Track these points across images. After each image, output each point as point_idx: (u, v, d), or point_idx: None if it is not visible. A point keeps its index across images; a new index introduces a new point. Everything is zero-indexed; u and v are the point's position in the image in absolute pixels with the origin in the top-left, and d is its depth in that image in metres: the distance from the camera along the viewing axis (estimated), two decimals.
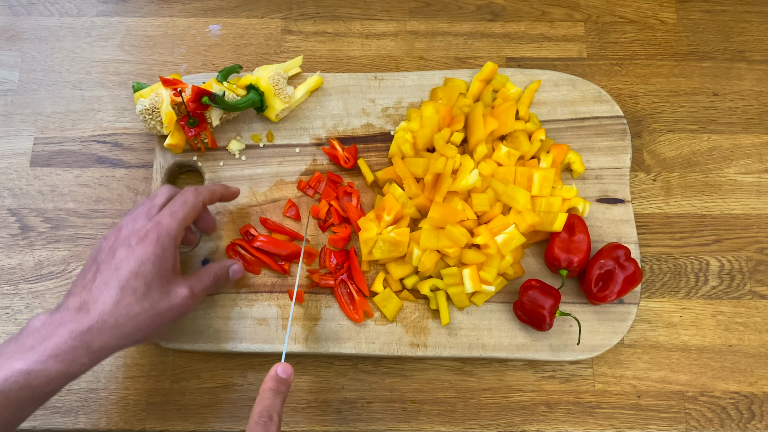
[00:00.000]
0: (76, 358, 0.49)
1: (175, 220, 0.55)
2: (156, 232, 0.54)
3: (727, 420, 0.65)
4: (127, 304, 0.51)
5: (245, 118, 0.71)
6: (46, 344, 0.48)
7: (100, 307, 0.50)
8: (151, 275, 0.53)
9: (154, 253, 0.53)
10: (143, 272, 0.52)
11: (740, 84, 0.75)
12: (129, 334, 0.52)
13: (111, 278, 0.52)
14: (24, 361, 0.47)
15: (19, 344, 0.48)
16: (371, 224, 0.64)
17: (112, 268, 0.52)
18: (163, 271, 0.54)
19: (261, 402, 0.52)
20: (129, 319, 0.51)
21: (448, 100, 0.69)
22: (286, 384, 0.53)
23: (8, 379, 0.46)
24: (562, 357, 0.63)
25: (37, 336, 0.49)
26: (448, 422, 0.65)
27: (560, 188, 0.65)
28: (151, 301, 0.53)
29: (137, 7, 0.79)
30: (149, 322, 0.53)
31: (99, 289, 0.51)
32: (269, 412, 0.51)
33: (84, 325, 0.49)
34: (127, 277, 0.52)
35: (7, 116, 0.74)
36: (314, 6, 0.79)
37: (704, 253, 0.69)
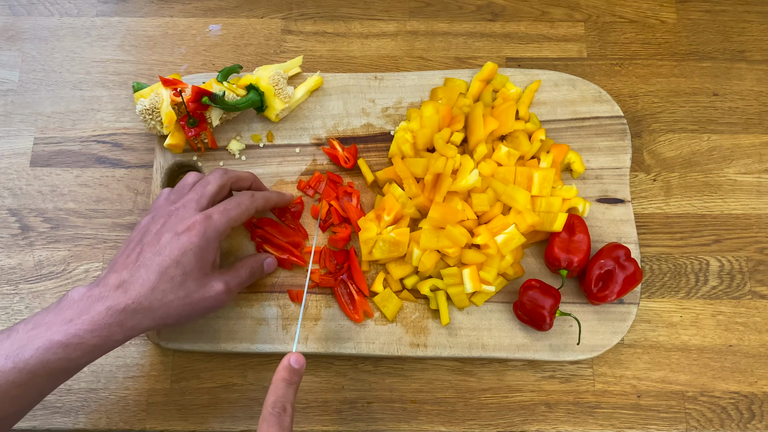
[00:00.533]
0: (111, 334, 0.50)
1: (225, 218, 0.56)
2: (204, 225, 0.54)
3: (727, 420, 0.65)
4: (163, 290, 0.52)
5: (245, 118, 0.71)
6: (84, 318, 0.50)
7: (138, 289, 0.52)
8: (191, 266, 0.54)
9: (197, 245, 0.54)
10: (183, 262, 0.53)
11: (740, 84, 0.75)
12: (160, 318, 0.53)
13: (152, 262, 0.53)
14: (63, 333, 0.49)
15: (58, 315, 0.50)
16: (371, 224, 0.64)
17: (155, 252, 0.53)
18: (203, 263, 0.55)
19: (274, 392, 0.52)
20: (163, 304, 0.53)
21: (448, 100, 0.69)
22: (299, 374, 0.54)
23: (48, 349, 0.48)
24: (562, 357, 0.63)
25: (76, 309, 0.50)
26: (448, 422, 0.65)
27: (560, 188, 0.65)
28: (187, 291, 0.54)
29: (137, 7, 0.79)
30: (181, 309, 0.54)
31: (139, 272, 0.52)
32: (283, 403, 0.51)
33: (121, 304, 0.51)
34: (168, 264, 0.53)
35: (7, 116, 0.74)
36: (314, 6, 0.79)
37: (704, 253, 0.69)
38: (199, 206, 0.57)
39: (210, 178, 0.60)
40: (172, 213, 0.56)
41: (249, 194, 0.60)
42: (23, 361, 0.47)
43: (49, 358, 0.48)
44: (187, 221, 0.54)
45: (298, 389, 0.53)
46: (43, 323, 0.49)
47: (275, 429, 0.49)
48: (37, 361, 0.47)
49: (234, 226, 0.57)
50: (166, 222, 0.55)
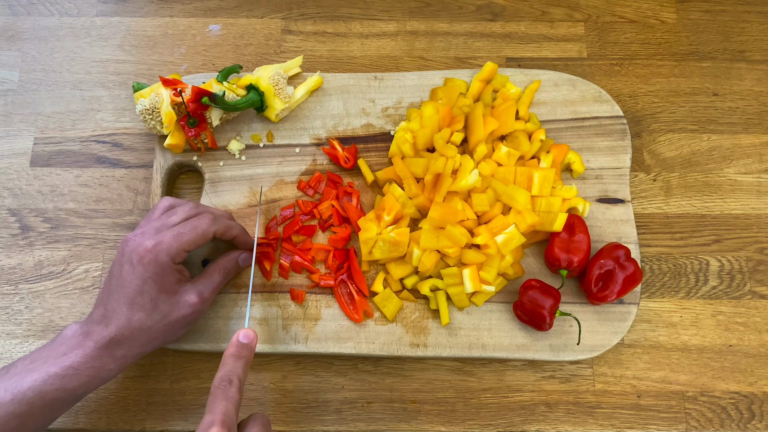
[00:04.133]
0: (104, 364, 0.53)
1: (177, 243, 0.56)
2: (154, 252, 0.55)
3: (727, 420, 0.65)
4: (138, 319, 0.55)
5: (245, 118, 0.71)
6: (76, 351, 0.53)
7: (116, 322, 0.54)
8: (155, 291, 0.55)
9: (153, 272, 0.55)
10: (147, 290, 0.55)
11: (740, 84, 0.75)
12: (147, 343, 0.56)
13: (120, 295, 0.55)
14: (58, 365, 0.52)
15: (53, 351, 0.53)
16: (371, 224, 0.64)
17: (120, 285, 0.55)
18: (166, 286, 0.56)
19: (223, 367, 0.54)
20: (143, 331, 0.55)
21: (448, 100, 0.69)
22: (249, 349, 0.56)
23: (45, 381, 0.51)
24: (562, 357, 0.63)
25: (68, 344, 0.53)
26: (448, 422, 0.65)
27: (560, 188, 0.65)
28: (161, 314, 0.56)
29: (137, 7, 0.79)
30: (163, 331, 0.56)
31: (113, 305, 0.55)
32: (229, 377, 0.53)
33: (106, 338, 0.54)
34: (133, 296, 0.55)
35: (7, 116, 0.74)
36: (314, 6, 0.79)
37: (704, 253, 0.69)
38: (157, 233, 0.57)
39: (179, 209, 0.60)
40: (129, 240, 0.57)
41: (209, 217, 0.59)
42: (21, 392, 0.50)
43: (46, 389, 0.51)
44: (140, 250, 0.55)
45: (249, 363, 0.55)
46: (39, 358, 0.52)
47: (220, 400, 0.51)
48: (34, 392, 0.50)
49: (190, 249, 0.57)
50: (124, 251, 0.56)
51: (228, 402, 0.51)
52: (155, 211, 0.60)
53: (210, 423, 0.49)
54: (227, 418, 0.50)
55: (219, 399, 0.51)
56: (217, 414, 0.50)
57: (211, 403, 0.51)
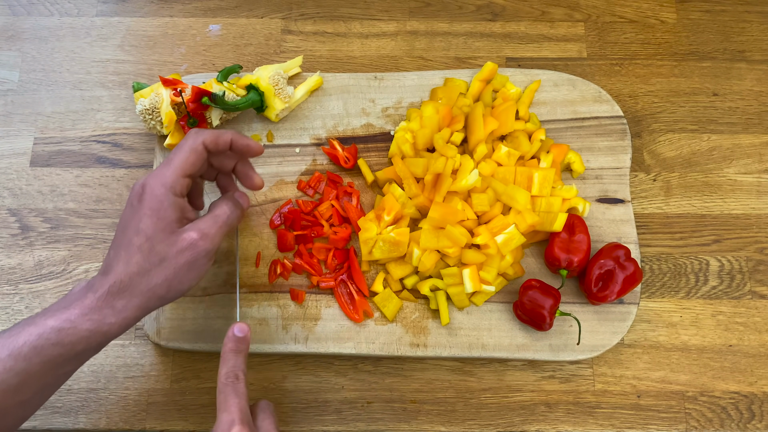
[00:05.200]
0: (104, 318, 0.50)
1: (169, 168, 0.53)
2: (150, 185, 0.52)
3: (727, 420, 0.65)
4: (136, 262, 0.51)
5: (245, 118, 0.71)
6: (76, 304, 0.50)
7: (116, 268, 0.51)
8: (152, 230, 0.52)
9: (149, 207, 0.52)
10: (143, 229, 0.51)
11: (740, 84, 0.75)
12: (147, 291, 0.52)
13: (120, 240, 0.52)
14: (56, 318, 0.49)
15: (57, 305, 0.51)
16: (371, 224, 0.64)
17: (121, 229, 0.53)
18: (164, 223, 0.52)
19: (225, 363, 0.54)
20: (142, 276, 0.51)
21: (448, 100, 0.69)
22: (245, 342, 0.55)
23: (41, 335, 0.48)
24: (562, 357, 0.63)
25: (72, 298, 0.51)
26: (448, 422, 0.65)
27: (560, 188, 0.65)
28: (159, 255, 0.52)
29: (137, 7, 0.79)
30: (163, 275, 0.52)
31: (114, 252, 0.52)
32: (234, 372, 0.53)
33: (104, 286, 0.50)
34: (131, 237, 0.52)
35: (7, 116, 0.74)
36: (314, 6, 0.79)
37: (704, 253, 0.69)
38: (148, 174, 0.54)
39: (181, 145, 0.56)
40: (133, 186, 0.55)
41: (192, 132, 0.56)
42: (17, 347, 0.47)
43: (42, 343, 0.48)
44: (137, 188, 0.53)
45: (247, 357, 0.55)
46: (42, 314, 0.50)
47: (232, 397, 0.51)
48: (30, 347, 0.47)
49: (187, 172, 0.54)
50: (129, 200, 0.54)
51: (240, 398, 0.51)
52: None
53: (230, 422, 0.49)
54: (244, 415, 0.50)
55: (231, 396, 0.51)
56: (233, 412, 0.50)
57: (223, 401, 0.51)
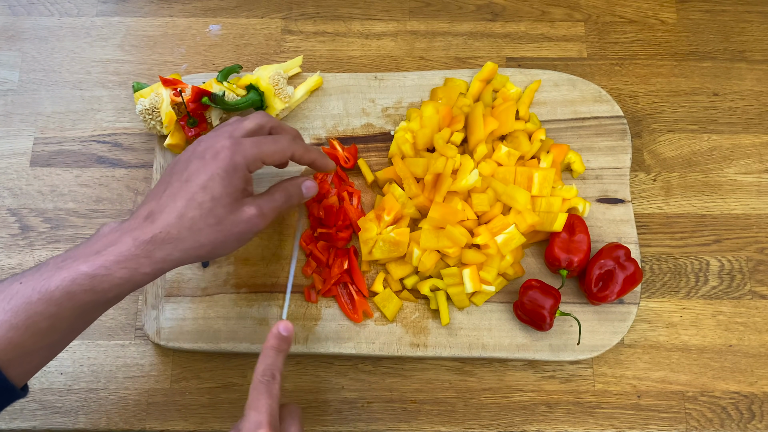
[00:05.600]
0: (139, 266, 0.48)
1: (257, 148, 0.53)
2: (232, 149, 0.52)
3: (727, 420, 0.65)
4: (191, 217, 0.50)
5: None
6: (111, 250, 0.48)
7: (165, 218, 0.49)
8: (219, 191, 0.51)
9: (224, 168, 0.51)
10: (211, 187, 0.50)
11: (740, 84, 0.75)
12: (191, 248, 0.50)
13: (180, 190, 0.51)
14: (89, 264, 0.47)
15: (87, 248, 0.49)
16: (371, 224, 0.64)
17: (183, 180, 0.51)
18: (232, 188, 0.51)
19: (264, 360, 0.52)
20: (192, 232, 0.50)
21: (448, 100, 0.69)
22: (288, 342, 0.53)
23: (74, 281, 0.47)
24: (562, 357, 0.63)
25: (104, 241, 0.49)
26: (448, 422, 0.65)
27: (560, 188, 0.65)
28: (217, 218, 0.51)
29: (137, 7, 0.79)
30: (213, 237, 0.51)
31: (166, 200, 0.50)
32: (272, 371, 0.51)
33: (148, 234, 0.49)
34: (195, 191, 0.50)
35: (7, 116, 0.74)
36: (314, 6, 0.79)
37: (704, 253, 0.69)
38: (230, 137, 0.54)
39: (250, 116, 0.57)
40: (200, 141, 0.54)
41: (290, 137, 0.57)
42: (49, 291, 0.46)
43: (75, 289, 0.46)
44: (216, 146, 0.52)
45: (286, 357, 0.54)
46: (72, 256, 0.48)
47: (265, 397, 0.49)
48: (62, 291, 0.46)
49: (266, 162, 0.54)
50: (195, 149, 0.53)
51: (272, 399, 0.50)
52: (221, 124, 0.58)
53: (258, 423, 0.48)
54: (273, 419, 0.49)
55: (263, 395, 0.49)
56: (263, 413, 0.48)
57: (255, 399, 0.49)
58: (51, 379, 0.65)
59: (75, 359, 0.66)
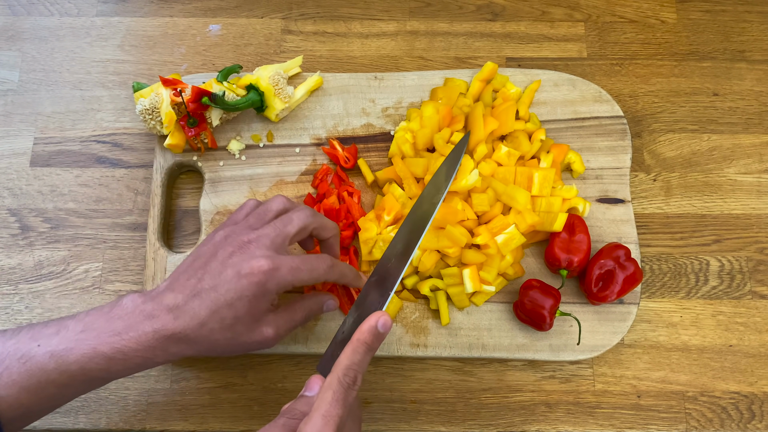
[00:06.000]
0: (154, 356, 0.50)
1: (292, 277, 0.51)
2: (267, 275, 0.50)
3: (727, 420, 0.65)
4: (211, 328, 0.50)
5: (245, 118, 0.71)
6: (131, 335, 0.49)
7: (187, 321, 0.50)
8: (243, 311, 0.51)
9: (254, 293, 0.50)
10: (237, 306, 0.50)
11: (740, 84, 0.75)
12: (204, 350, 0.52)
13: (207, 297, 0.50)
14: (109, 346, 0.48)
15: (108, 324, 0.49)
16: (371, 224, 0.64)
17: (213, 286, 0.51)
18: (256, 310, 0.52)
19: (351, 356, 0.47)
20: (208, 341, 0.51)
21: (448, 100, 0.69)
22: (381, 341, 0.49)
23: (92, 359, 0.48)
24: (562, 357, 0.63)
25: (126, 321, 0.49)
26: (448, 422, 0.65)
27: (560, 188, 0.65)
28: (234, 333, 0.51)
29: (137, 7, 0.79)
30: (225, 346, 0.52)
31: (193, 302, 0.50)
32: (355, 372, 0.46)
33: (168, 330, 0.49)
34: (221, 305, 0.50)
35: (7, 116, 0.74)
36: (314, 6, 0.79)
37: (704, 253, 0.69)
38: (273, 245, 0.52)
39: (294, 216, 0.55)
40: (244, 246, 0.52)
41: (327, 263, 0.54)
42: (66, 364, 0.47)
43: (92, 367, 0.48)
44: (254, 264, 0.50)
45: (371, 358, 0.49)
46: (93, 328, 0.49)
47: (339, 405, 0.44)
48: (78, 367, 0.48)
49: (298, 285, 0.53)
50: (234, 253, 0.52)
51: (345, 410, 0.44)
52: (267, 211, 0.56)
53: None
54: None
55: (338, 403, 0.44)
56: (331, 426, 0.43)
57: (328, 403, 0.44)
58: None
59: None
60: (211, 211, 0.68)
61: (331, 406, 0.44)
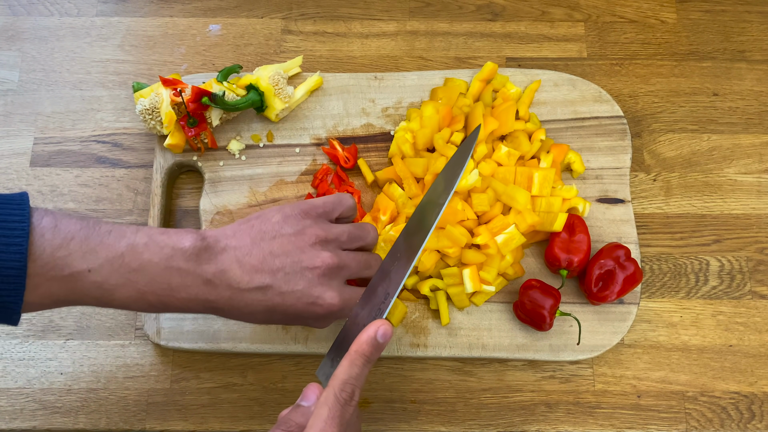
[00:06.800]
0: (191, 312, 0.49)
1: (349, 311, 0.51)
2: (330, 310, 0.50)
3: (727, 420, 0.65)
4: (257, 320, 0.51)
5: (245, 118, 0.71)
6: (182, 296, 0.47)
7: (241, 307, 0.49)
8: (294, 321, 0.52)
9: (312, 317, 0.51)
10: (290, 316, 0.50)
11: (740, 84, 0.75)
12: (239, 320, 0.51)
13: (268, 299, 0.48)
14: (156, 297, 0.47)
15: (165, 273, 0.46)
16: None
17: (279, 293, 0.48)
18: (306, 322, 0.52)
19: (348, 369, 0.44)
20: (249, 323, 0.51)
21: (448, 100, 0.69)
22: (381, 351, 0.46)
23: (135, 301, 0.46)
24: (562, 357, 0.63)
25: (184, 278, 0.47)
26: (448, 422, 0.65)
27: (560, 188, 0.65)
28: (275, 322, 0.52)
29: (137, 7, 0.79)
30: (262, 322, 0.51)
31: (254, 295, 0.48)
32: (353, 387, 0.44)
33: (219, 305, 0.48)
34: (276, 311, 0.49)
35: (7, 116, 0.74)
36: (314, 6, 0.79)
37: (704, 253, 0.69)
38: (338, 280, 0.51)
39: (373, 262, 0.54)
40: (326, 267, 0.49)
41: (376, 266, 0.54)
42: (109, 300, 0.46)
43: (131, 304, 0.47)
44: (326, 297, 0.49)
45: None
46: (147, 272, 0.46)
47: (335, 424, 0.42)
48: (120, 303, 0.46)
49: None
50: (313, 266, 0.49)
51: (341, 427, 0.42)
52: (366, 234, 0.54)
53: None
54: None
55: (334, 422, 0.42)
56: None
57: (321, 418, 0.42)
58: (51, 379, 0.65)
59: (75, 359, 0.66)
60: (211, 211, 0.68)
61: (326, 424, 0.42)
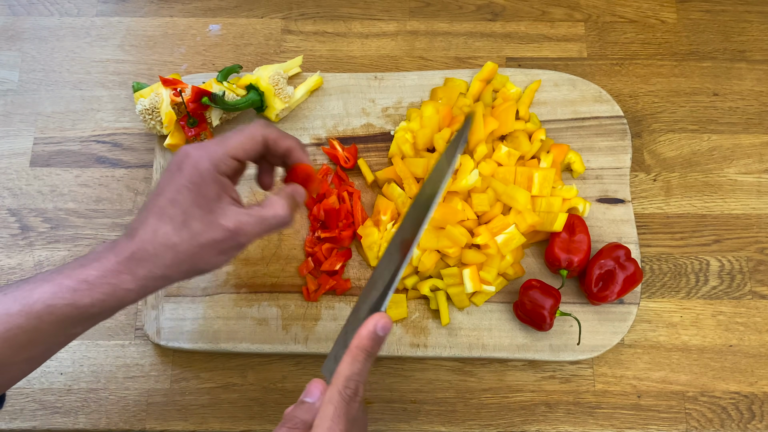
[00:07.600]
0: (121, 283, 0.46)
1: (221, 147, 0.49)
2: (196, 157, 0.48)
3: (728, 420, 0.65)
4: (164, 232, 0.47)
5: (245, 118, 0.71)
6: (94, 264, 0.46)
7: (141, 235, 0.47)
8: (188, 203, 0.47)
9: (190, 180, 0.48)
10: (179, 200, 0.47)
11: (740, 84, 0.75)
12: (172, 265, 0.48)
13: (152, 205, 0.48)
14: (72, 279, 0.46)
15: (74, 264, 0.47)
16: (371, 229, 0.64)
17: (155, 195, 0.48)
18: (203, 200, 0.48)
19: (350, 365, 0.44)
20: (167, 248, 0.47)
21: (448, 100, 0.69)
22: (381, 344, 0.46)
23: (55, 294, 0.45)
24: (562, 357, 0.63)
25: (92, 258, 0.47)
26: (448, 422, 0.65)
27: (560, 188, 0.65)
28: (191, 232, 0.47)
29: (137, 7, 0.79)
30: (191, 254, 0.48)
31: (142, 217, 0.48)
32: (356, 382, 0.43)
33: (127, 251, 0.47)
34: (164, 205, 0.47)
35: (7, 116, 0.74)
36: (314, 6, 0.79)
37: (704, 253, 0.69)
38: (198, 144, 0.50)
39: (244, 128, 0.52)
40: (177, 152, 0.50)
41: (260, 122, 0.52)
42: (29, 304, 0.44)
43: (56, 302, 0.45)
44: (181, 155, 0.49)
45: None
46: (58, 271, 0.46)
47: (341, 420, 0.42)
48: (43, 304, 0.44)
49: (238, 156, 0.49)
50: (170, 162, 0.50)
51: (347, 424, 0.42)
52: None
53: None
54: None
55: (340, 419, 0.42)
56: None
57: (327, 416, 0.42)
58: (51, 379, 0.65)
59: (75, 359, 0.66)
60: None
61: (333, 422, 0.42)
